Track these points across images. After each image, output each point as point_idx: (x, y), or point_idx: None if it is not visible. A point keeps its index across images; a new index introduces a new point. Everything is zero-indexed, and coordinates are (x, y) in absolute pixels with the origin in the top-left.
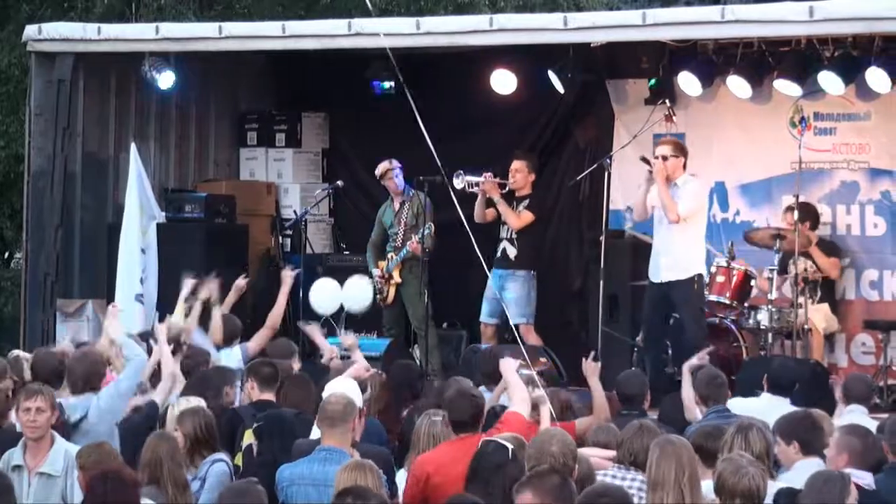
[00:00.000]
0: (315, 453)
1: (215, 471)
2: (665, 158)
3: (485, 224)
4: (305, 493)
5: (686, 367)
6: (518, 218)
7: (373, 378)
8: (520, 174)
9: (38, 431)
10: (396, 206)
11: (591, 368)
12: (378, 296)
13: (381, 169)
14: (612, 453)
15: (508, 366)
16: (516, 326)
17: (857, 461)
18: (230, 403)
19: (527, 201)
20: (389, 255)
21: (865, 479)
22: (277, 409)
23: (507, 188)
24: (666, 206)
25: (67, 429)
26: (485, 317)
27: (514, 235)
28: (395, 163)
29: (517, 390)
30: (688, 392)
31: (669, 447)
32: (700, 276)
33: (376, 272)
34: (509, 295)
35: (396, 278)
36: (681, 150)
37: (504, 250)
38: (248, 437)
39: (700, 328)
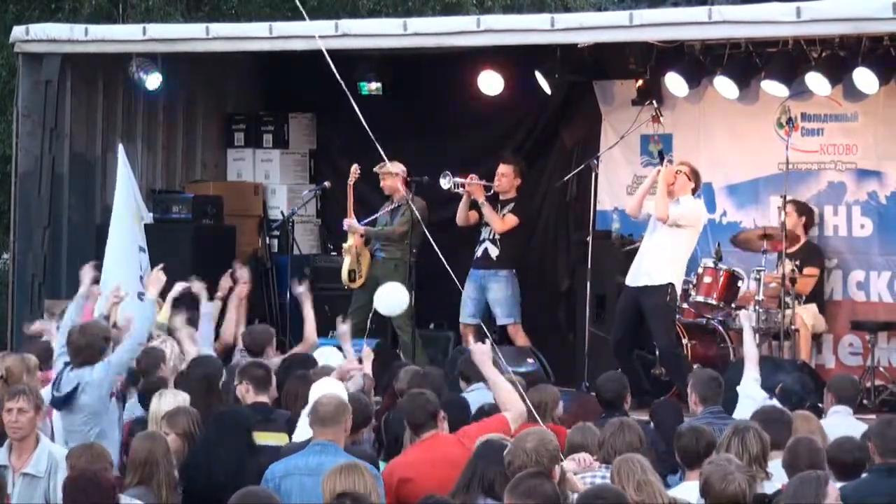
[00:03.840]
0: (309, 447)
1: None
2: (678, 172)
3: (467, 226)
4: (300, 483)
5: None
6: (502, 222)
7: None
8: (506, 178)
9: (19, 432)
10: (391, 208)
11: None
12: (351, 275)
13: (376, 168)
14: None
15: (483, 359)
16: (504, 327)
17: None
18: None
19: (511, 205)
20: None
21: None
22: (273, 410)
23: (491, 191)
24: (658, 203)
25: (57, 403)
26: (466, 318)
27: (496, 236)
28: (396, 168)
29: (501, 390)
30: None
31: (614, 474)
32: (673, 286)
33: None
34: (494, 295)
35: (349, 241)
36: (696, 176)
37: (486, 250)
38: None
39: (669, 337)
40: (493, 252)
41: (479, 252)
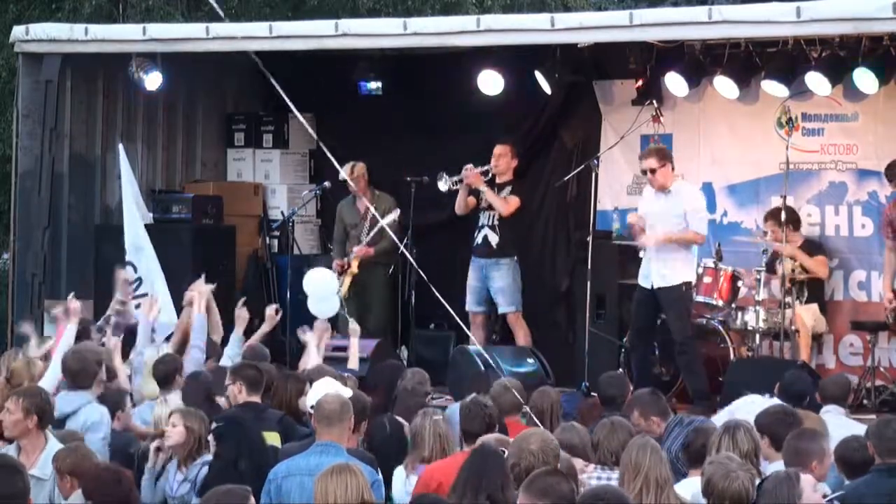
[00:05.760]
0: (312, 447)
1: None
2: (653, 171)
3: (464, 216)
4: (300, 483)
5: None
6: (506, 203)
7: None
8: (503, 159)
9: (7, 432)
10: (361, 207)
11: None
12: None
13: (351, 169)
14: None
15: None
16: (504, 315)
17: (796, 462)
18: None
19: (509, 188)
20: (349, 248)
21: None
22: (265, 409)
23: (489, 174)
24: (690, 241)
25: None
26: (471, 306)
27: (496, 222)
28: (363, 169)
29: None
30: None
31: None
32: (689, 283)
33: (335, 263)
34: (496, 284)
35: (354, 268)
36: (665, 156)
37: (486, 238)
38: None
39: (683, 325)
40: (493, 239)
41: (478, 239)
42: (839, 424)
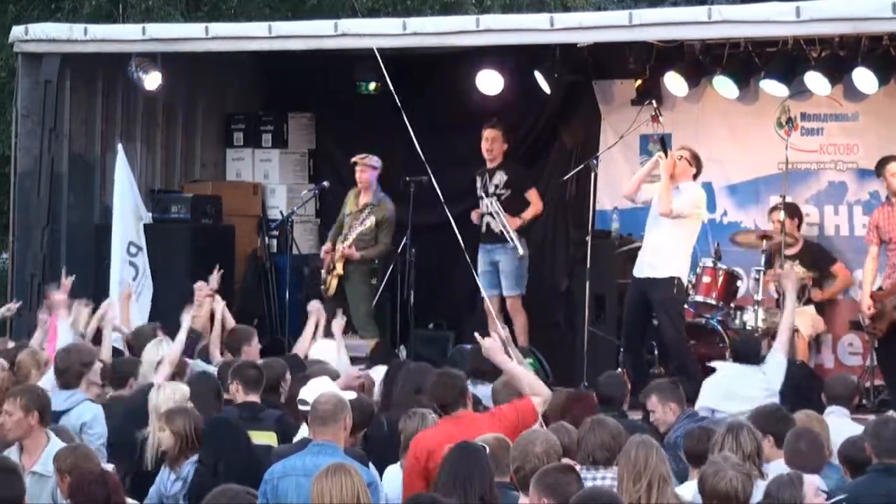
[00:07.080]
0: (308, 448)
1: None
2: (682, 158)
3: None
4: (297, 483)
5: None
6: (535, 207)
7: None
8: (496, 143)
9: (8, 434)
10: (361, 202)
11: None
12: (322, 286)
13: (356, 158)
14: None
15: (494, 353)
16: (506, 298)
17: (800, 463)
18: None
19: (504, 175)
20: (338, 247)
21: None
22: (263, 409)
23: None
24: (661, 198)
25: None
26: (486, 291)
27: (495, 209)
28: (374, 161)
29: (522, 380)
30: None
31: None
32: (679, 280)
33: (325, 254)
34: (503, 267)
35: (339, 270)
36: (696, 161)
37: (488, 225)
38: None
39: (677, 331)
40: (496, 226)
41: (483, 227)
42: (842, 426)
